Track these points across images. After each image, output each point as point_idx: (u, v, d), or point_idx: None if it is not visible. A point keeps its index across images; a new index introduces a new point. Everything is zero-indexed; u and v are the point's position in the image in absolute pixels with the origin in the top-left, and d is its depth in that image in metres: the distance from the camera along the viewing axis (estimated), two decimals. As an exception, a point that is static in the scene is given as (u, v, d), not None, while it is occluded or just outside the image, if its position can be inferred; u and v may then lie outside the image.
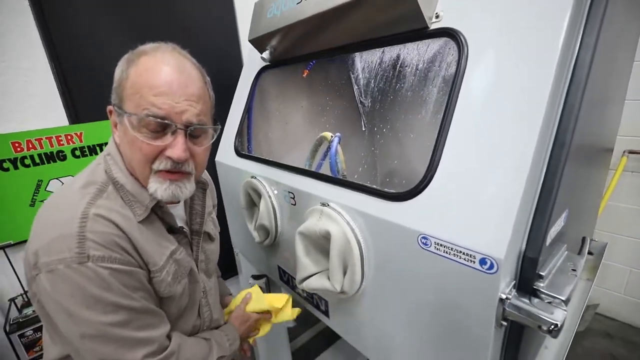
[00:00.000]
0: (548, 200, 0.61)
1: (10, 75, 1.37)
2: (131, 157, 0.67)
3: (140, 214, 0.68)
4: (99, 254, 0.59)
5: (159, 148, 0.65)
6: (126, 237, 0.64)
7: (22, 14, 1.38)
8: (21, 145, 1.41)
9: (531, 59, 0.61)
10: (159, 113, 0.62)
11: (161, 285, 0.70)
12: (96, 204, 0.62)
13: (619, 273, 2.13)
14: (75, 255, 0.57)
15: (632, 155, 1.92)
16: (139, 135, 0.63)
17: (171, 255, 0.73)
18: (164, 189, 0.67)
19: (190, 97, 0.66)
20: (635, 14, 1.01)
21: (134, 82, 0.63)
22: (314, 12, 0.92)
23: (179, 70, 0.65)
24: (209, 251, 0.92)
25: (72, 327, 0.59)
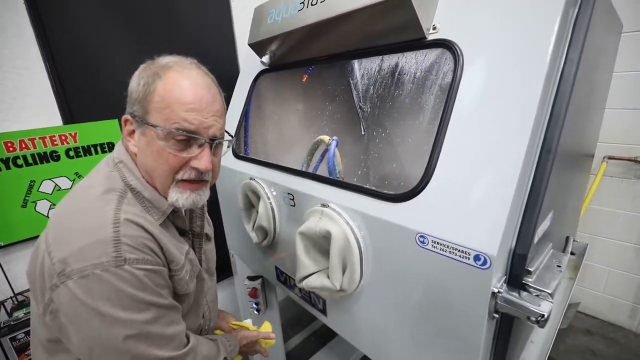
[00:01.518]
0: (536, 201, 0.66)
1: (3, 74, 1.36)
2: (154, 166, 0.69)
3: (158, 218, 0.71)
4: (134, 257, 0.61)
5: (185, 159, 0.68)
6: (154, 239, 0.66)
7: (16, 12, 1.36)
8: (14, 145, 1.39)
9: (521, 71, 0.66)
10: (190, 128, 0.66)
11: (180, 283, 0.73)
12: (123, 209, 0.64)
13: (599, 273, 2.24)
14: (112, 259, 0.58)
15: (611, 160, 2.03)
16: (167, 146, 0.66)
17: (186, 254, 0.76)
18: (185, 198, 0.70)
19: (216, 113, 0.71)
20: (613, 30, 1.09)
21: (164, 97, 0.66)
22: (315, 19, 0.95)
23: (207, 87, 0.70)
24: (208, 251, 0.95)
25: (105, 330, 0.59)
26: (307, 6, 0.99)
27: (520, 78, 0.66)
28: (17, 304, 1.45)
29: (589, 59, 0.80)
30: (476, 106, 0.70)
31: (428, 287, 0.74)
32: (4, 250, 1.44)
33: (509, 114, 0.65)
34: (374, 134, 1.45)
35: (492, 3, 0.73)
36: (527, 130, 0.62)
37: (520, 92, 0.65)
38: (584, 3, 0.68)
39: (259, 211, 1.20)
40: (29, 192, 1.46)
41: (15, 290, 1.48)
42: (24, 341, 1.30)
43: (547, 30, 0.64)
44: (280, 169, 1.14)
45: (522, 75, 0.66)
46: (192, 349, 0.71)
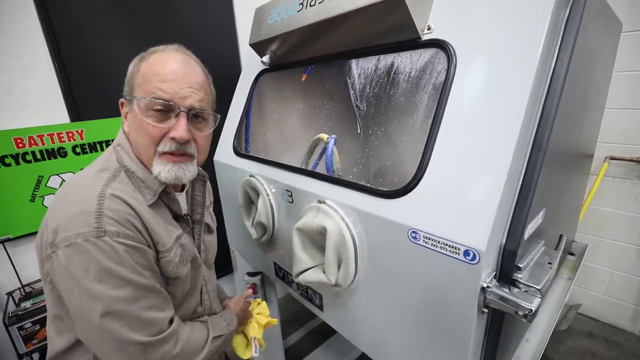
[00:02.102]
0: (526, 198, 0.67)
1: (13, 72, 1.40)
2: (138, 140, 0.72)
3: (150, 198, 0.73)
4: (114, 229, 0.62)
5: (163, 130, 0.70)
6: (138, 217, 0.68)
7: (26, 13, 1.41)
8: (23, 142, 1.43)
9: (512, 71, 0.67)
10: (164, 96, 0.69)
11: (169, 266, 0.74)
12: (111, 186, 0.67)
13: (601, 275, 2.22)
14: (93, 229, 0.60)
15: (613, 161, 2.02)
16: (146, 118, 0.69)
17: (177, 239, 0.77)
18: (167, 170, 0.71)
19: (193, 85, 0.73)
20: (611, 30, 1.10)
21: (144, 73, 0.71)
22: (313, 20, 0.97)
23: (184, 63, 0.73)
24: (208, 242, 0.96)
25: (83, 303, 0.61)
26: (305, 7, 1.01)
27: (511, 77, 0.67)
28: (25, 294, 1.50)
29: (582, 59, 0.81)
30: (468, 105, 0.72)
31: (420, 282, 0.76)
32: (12, 243, 1.48)
33: (499, 113, 0.67)
34: (370, 132, 1.47)
35: (486, 4, 0.74)
36: (516, 129, 0.64)
37: (510, 91, 0.66)
38: (575, 4, 0.69)
39: (258, 207, 1.22)
40: (37, 187, 1.50)
41: (23, 282, 1.53)
42: (31, 330, 1.34)
43: (537, 32, 0.65)
44: (279, 166, 1.16)
45: (512, 74, 0.67)
46: (171, 335, 0.69)
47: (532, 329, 1.10)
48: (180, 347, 0.70)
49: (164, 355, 0.67)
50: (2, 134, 1.38)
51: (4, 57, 1.38)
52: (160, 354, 0.67)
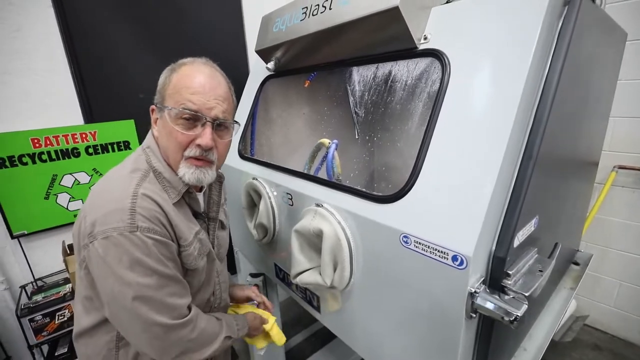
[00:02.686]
0: (515, 206, 0.68)
1: (34, 77, 1.48)
2: (167, 145, 0.80)
3: (174, 197, 0.81)
4: (145, 225, 0.70)
5: (190, 137, 0.78)
6: (165, 214, 0.75)
7: (46, 20, 1.49)
8: (39, 142, 1.50)
9: (503, 81, 0.69)
10: (193, 107, 0.76)
11: (189, 259, 0.81)
12: (142, 186, 0.75)
13: (610, 286, 2.17)
14: (127, 225, 0.69)
15: (623, 170, 1.98)
16: (176, 126, 0.77)
17: (196, 234, 0.85)
18: (190, 173, 0.79)
19: (218, 97, 0.80)
20: (613, 39, 1.09)
21: (175, 85, 0.78)
22: (316, 29, 1.01)
23: (211, 76, 0.81)
24: (221, 237, 1.02)
25: (116, 288, 0.69)
26: (308, 16, 1.04)
27: (502, 87, 0.69)
28: (37, 288, 1.56)
29: (578, 67, 0.81)
30: (460, 113, 0.73)
31: (412, 286, 0.77)
32: (27, 238, 1.55)
33: (490, 122, 0.68)
34: (367, 138, 1.49)
35: (480, 16, 0.76)
36: (505, 137, 0.65)
37: (500, 100, 0.68)
38: (567, 16, 0.71)
39: (260, 209, 1.25)
40: (51, 186, 1.57)
41: (35, 276, 1.59)
42: (42, 323, 1.40)
43: (527, 43, 0.67)
44: (280, 170, 1.19)
45: (503, 84, 0.69)
46: (190, 321, 0.77)
47: (531, 338, 1.09)
48: (196, 333, 0.79)
49: (182, 338, 0.76)
50: (21, 135, 1.45)
51: (24, 61, 1.46)
52: (179, 336, 0.75)
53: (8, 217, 1.48)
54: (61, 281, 1.60)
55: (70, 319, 1.46)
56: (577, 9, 0.70)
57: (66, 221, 1.65)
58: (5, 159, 1.44)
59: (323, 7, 0.99)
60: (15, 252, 1.54)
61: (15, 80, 1.45)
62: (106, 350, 0.81)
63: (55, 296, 1.46)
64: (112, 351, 0.81)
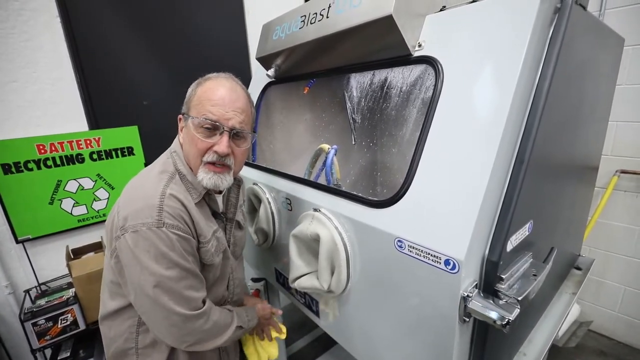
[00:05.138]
0: (507, 211, 0.69)
1: (40, 84, 1.52)
2: (189, 150, 0.88)
3: (196, 197, 0.88)
4: (170, 222, 0.78)
5: (209, 144, 0.85)
6: (188, 213, 0.83)
7: (53, 30, 1.53)
8: (45, 148, 1.54)
9: (494, 88, 0.70)
10: (213, 117, 0.84)
11: (207, 254, 0.89)
12: (170, 186, 0.83)
13: (614, 291, 2.15)
14: (155, 221, 0.77)
15: (626, 175, 1.97)
16: (197, 134, 0.84)
17: (214, 232, 0.92)
18: (208, 178, 0.86)
19: (236, 109, 0.87)
20: (609, 45, 1.10)
21: (199, 97, 0.87)
22: (314, 37, 1.03)
23: (231, 89, 0.88)
24: (238, 237, 1.09)
25: (142, 277, 0.77)
26: (307, 25, 1.07)
27: (493, 94, 0.70)
28: (41, 292, 1.58)
29: (571, 73, 0.82)
30: (453, 119, 0.74)
31: (407, 290, 0.78)
32: (32, 243, 1.58)
33: (482, 128, 0.69)
34: (363, 144, 1.50)
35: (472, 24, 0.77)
36: (496, 143, 0.66)
37: (492, 107, 0.69)
38: (557, 24, 0.72)
39: (260, 214, 1.27)
40: (56, 191, 1.60)
41: (39, 280, 1.62)
42: (45, 327, 1.42)
43: (518, 50, 0.68)
44: (279, 175, 1.21)
45: (494, 91, 0.70)
46: (204, 313, 0.85)
47: (531, 343, 1.09)
48: (210, 324, 0.86)
49: (197, 328, 0.83)
50: (27, 141, 1.49)
51: (31, 70, 1.50)
52: (195, 326, 0.83)
53: (13, 222, 1.51)
54: (65, 285, 1.61)
55: (73, 323, 1.48)
56: (567, 17, 0.72)
57: (70, 226, 1.67)
58: (11, 164, 1.47)
59: (320, 16, 1.01)
60: (20, 256, 1.57)
61: (22, 87, 1.49)
62: (128, 333, 0.90)
63: (59, 300, 1.48)
64: (133, 335, 0.90)
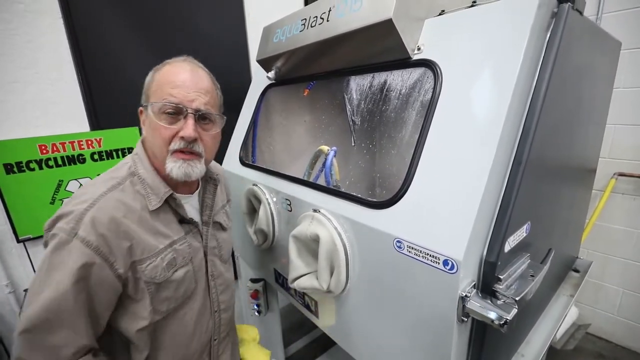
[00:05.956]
0: (505, 212, 0.70)
1: (41, 85, 1.52)
2: (153, 142, 0.81)
3: (155, 204, 0.80)
4: (84, 235, 0.68)
5: (174, 130, 0.79)
6: (118, 230, 0.73)
7: (55, 32, 1.54)
8: (46, 148, 1.54)
9: (492, 92, 0.71)
10: (174, 100, 0.78)
11: (153, 271, 0.78)
12: (107, 196, 0.75)
13: (612, 294, 2.16)
14: (70, 228, 0.68)
15: (623, 177, 1.98)
16: (160, 121, 0.78)
17: (171, 244, 0.83)
18: (177, 167, 0.79)
19: (199, 90, 0.81)
20: (606, 49, 1.11)
21: (158, 82, 0.81)
22: (314, 39, 1.04)
23: (192, 71, 0.83)
24: (221, 239, 1.02)
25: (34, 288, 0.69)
26: (307, 28, 1.08)
27: (491, 97, 0.71)
28: (41, 292, 1.58)
29: (567, 77, 0.83)
30: (452, 122, 0.75)
31: (406, 290, 0.79)
32: (33, 242, 1.58)
33: (479, 130, 0.70)
34: (362, 145, 1.52)
35: (471, 27, 0.79)
36: (494, 145, 0.67)
37: (489, 109, 0.70)
38: (554, 29, 0.73)
39: (259, 215, 1.28)
40: (57, 191, 1.61)
41: (39, 280, 1.61)
42: (44, 327, 1.42)
43: (515, 54, 0.69)
44: (279, 176, 1.22)
45: (492, 94, 0.71)
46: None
47: (528, 344, 1.09)
48: None
49: None
50: (29, 141, 1.49)
51: (32, 70, 1.50)
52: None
53: (15, 222, 1.51)
54: (65, 285, 1.62)
55: (73, 322, 1.48)
56: (564, 22, 0.73)
57: (71, 226, 1.67)
58: (13, 164, 1.47)
59: (321, 19, 1.02)
60: (20, 255, 1.57)
61: (24, 88, 1.49)
62: None
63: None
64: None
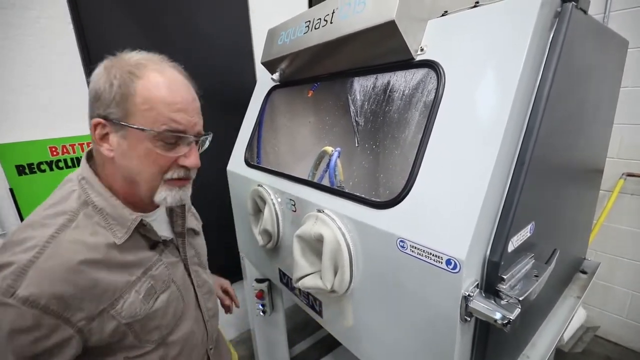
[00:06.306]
0: (508, 212, 0.70)
1: (55, 89, 1.56)
2: (140, 169, 0.66)
3: (121, 236, 0.67)
4: (27, 294, 0.54)
5: (173, 159, 0.68)
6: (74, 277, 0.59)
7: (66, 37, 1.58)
8: (57, 150, 1.58)
9: (495, 92, 0.71)
10: (179, 128, 0.66)
11: (133, 307, 0.68)
12: (58, 238, 0.60)
13: (621, 296, 2.12)
14: (6, 286, 0.54)
15: (632, 178, 1.95)
16: (155, 148, 0.65)
17: (145, 272, 0.72)
18: (172, 195, 0.70)
19: (198, 111, 0.71)
20: (612, 48, 1.11)
21: (147, 98, 0.63)
22: (318, 41, 1.05)
23: (187, 86, 0.70)
24: (197, 245, 0.94)
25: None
26: (311, 30, 1.09)
27: (494, 98, 0.71)
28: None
29: (571, 77, 0.83)
30: (455, 122, 0.76)
31: (409, 290, 0.79)
32: (42, 243, 1.62)
33: (482, 130, 0.70)
34: (366, 146, 1.52)
35: (473, 28, 0.79)
36: (496, 145, 0.67)
37: (492, 110, 0.70)
38: (557, 29, 0.73)
39: (264, 215, 1.29)
40: (67, 192, 1.64)
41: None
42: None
43: (517, 55, 0.69)
44: (284, 177, 1.23)
45: (494, 95, 0.71)
46: None
47: (534, 346, 1.09)
48: None
49: None
50: (40, 143, 1.53)
51: (44, 74, 1.54)
52: None
53: (26, 222, 1.55)
54: (74, 284, 1.65)
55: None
56: (567, 21, 0.73)
57: (80, 226, 1.70)
58: (25, 165, 1.51)
59: (325, 21, 1.04)
60: (31, 255, 1.61)
61: (36, 92, 1.53)
62: None
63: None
64: None
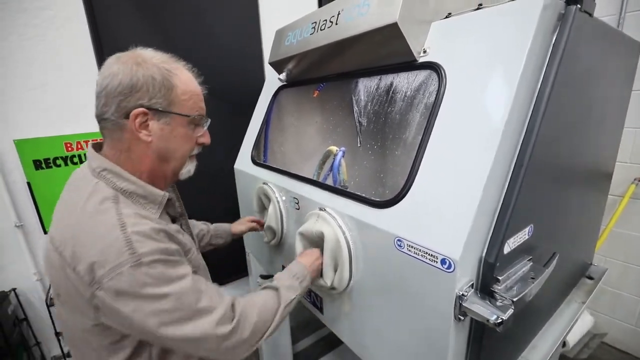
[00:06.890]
0: (505, 214, 0.70)
1: (72, 88, 1.63)
2: (177, 148, 0.79)
3: (155, 211, 0.76)
4: (146, 249, 0.63)
5: (196, 139, 0.84)
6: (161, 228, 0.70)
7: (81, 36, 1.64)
8: (72, 146, 1.64)
9: (494, 95, 0.72)
10: (204, 113, 0.83)
11: (194, 262, 0.81)
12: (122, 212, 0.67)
13: (631, 303, 2.08)
14: (127, 257, 0.61)
15: (644, 183, 1.91)
16: (189, 131, 0.80)
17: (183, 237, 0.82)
18: (193, 166, 0.86)
19: None
20: (622, 50, 1.09)
21: (185, 90, 0.76)
22: (324, 42, 1.07)
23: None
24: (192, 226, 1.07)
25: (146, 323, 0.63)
26: (317, 31, 1.11)
27: (493, 100, 0.72)
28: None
29: (575, 80, 0.82)
30: (454, 124, 0.77)
31: (405, 288, 0.80)
32: (57, 234, 1.68)
33: (480, 132, 0.71)
34: (368, 146, 1.54)
35: (476, 30, 0.79)
36: (494, 147, 0.68)
37: (490, 112, 0.71)
38: (560, 31, 0.73)
39: (269, 212, 1.32)
40: (81, 186, 1.70)
41: (63, 270, 1.72)
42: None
43: (517, 58, 0.70)
44: (288, 175, 1.25)
45: (494, 97, 0.72)
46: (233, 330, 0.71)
47: (534, 349, 1.08)
48: (248, 331, 0.74)
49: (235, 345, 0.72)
50: (56, 139, 1.60)
51: (61, 73, 1.61)
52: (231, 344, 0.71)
53: (42, 215, 1.62)
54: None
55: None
56: (570, 24, 0.73)
57: (93, 219, 1.77)
58: (42, 160, 1.58)
59: (330, 23, 1.06)
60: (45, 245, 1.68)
61: (53, 90, 1.60)
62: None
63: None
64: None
